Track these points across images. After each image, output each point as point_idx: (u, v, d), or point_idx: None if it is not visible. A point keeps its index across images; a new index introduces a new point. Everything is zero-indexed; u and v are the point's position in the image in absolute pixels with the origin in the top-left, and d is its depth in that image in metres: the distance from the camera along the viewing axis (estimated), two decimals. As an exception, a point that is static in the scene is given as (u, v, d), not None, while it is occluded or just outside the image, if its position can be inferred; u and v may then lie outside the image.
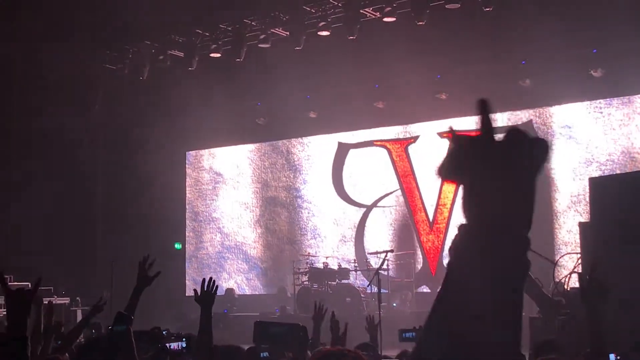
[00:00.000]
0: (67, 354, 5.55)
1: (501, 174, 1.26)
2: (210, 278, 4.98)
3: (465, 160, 1.29)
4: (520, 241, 1.28)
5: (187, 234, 22.65)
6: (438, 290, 1.35)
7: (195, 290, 4.98)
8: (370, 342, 6.96)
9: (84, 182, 20.21)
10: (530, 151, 1.30)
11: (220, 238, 22.11)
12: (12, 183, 18.66)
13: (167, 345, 4.50)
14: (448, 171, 1.31)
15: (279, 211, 21.30)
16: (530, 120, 18.01)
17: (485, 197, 1.27)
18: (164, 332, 5.19)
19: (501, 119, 18.40)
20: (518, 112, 18.11)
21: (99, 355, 4.52)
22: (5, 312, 3.47)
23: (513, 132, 1.31)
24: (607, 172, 16.66)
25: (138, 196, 20.22)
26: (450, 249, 1.34)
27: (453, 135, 1.33)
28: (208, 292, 4.93)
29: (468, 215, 1.29)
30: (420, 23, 15.66)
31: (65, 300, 17.65)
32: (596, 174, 16.63)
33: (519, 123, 18.09)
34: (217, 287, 4.88)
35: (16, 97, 18.27)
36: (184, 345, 4.53)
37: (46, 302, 7.58)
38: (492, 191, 1.27)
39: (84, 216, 20.06)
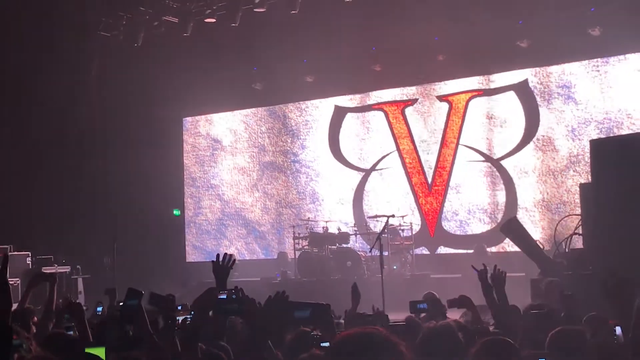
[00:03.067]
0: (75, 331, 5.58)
1: None
2: (228, 253, 5.21)
3: None
4: None
5: (185, 200, 22.67)
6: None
7: (213, 261, 5.18)
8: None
9: (82, 149, 20.15)
10: None
11: (220, 205, 22.13)
12: (9, 151, 18.62)
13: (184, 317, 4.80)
14: None
15: (277, 175, 21.30)
16: (526, 80, 17.95)
17: None
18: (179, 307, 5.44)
19: (499, 79, 18.38)
20: (516, 72, 18.05)
21: (115, 328, 4.80)
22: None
23: None
24: (604, 132, 16.66)
25: (135, 163, 20.18)
26: None
27: None
28: (224, 266, 5.17)
29: None
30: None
31: (66, 269, 17.73)
32: (594, 133, 16.64)
33: (516, 82, 18.07)
34: (234, 261, 5.08)
35: (11, 65, 18.12)
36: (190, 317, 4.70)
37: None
38: None
39: (83, 184, 20.02)
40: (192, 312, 5.14)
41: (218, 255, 5.28)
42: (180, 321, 5.24)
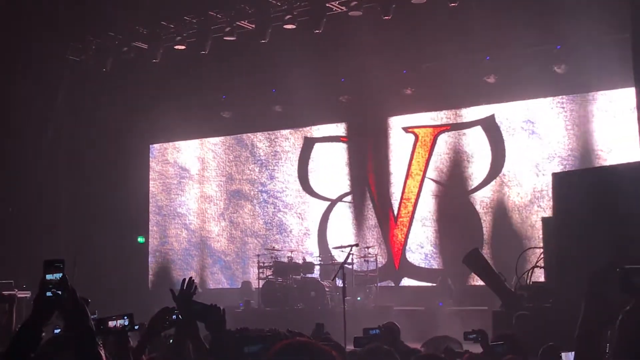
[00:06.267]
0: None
1: None
2: (190, 278, 4.93)
3: None
4: None
5: (150, 227, 22.49)
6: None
7: (172, 290, 4.92)
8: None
9: (46, 173, 19.95)
10: None
11: (186, 234, 21.99)
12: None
13: (108, 323, 4.35)
14: None
15: (243, 204, 21.24)
16: (493, 115, 18.14)
17: None
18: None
19: (466, 114, 18.55)
20: (481, 107, 18.24)
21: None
22: None
23: None
24: (568, 167, 16.84)
25: (101, 189, 20.02)
26: None
27: None
28: (187, 292, 4.88)
29: None
30: (387, 17, 15.67)
31: (27, 294, 17.46)
32: (558, 169, 16.81)
33: (483, 117, 18.25)
34: (196, 287, 4.83)
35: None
36: (126, 323, 4.41)
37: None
38: None
39: (46, 208, 19.81)
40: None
41: (183, 281, 5.08)
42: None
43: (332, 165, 20.03)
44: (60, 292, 3.18)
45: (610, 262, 3.23)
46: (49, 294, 3.17)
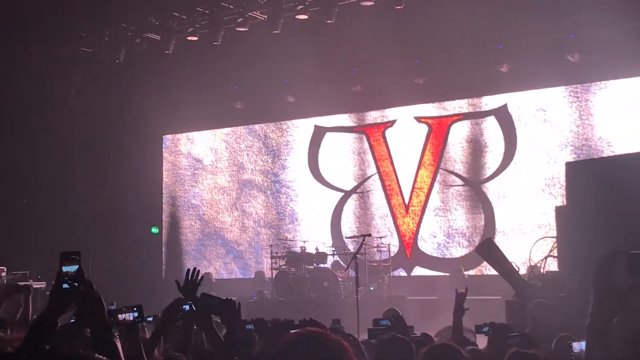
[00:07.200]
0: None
1: None
2: (195, 268, 4.92)
3: None
4: None
5: (164, 218, 22.57)
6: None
7: (177, 281, 4.92)
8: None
9: (60, 164, 20.05)
10: None
11: (200, 225, 22.05)
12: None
13: (118, 316, 4.34)
14: None
15: (256, 194, 21.28)
16: (505, 105, 18.09)
17: None
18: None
19: (479, 104, 18.51)
20: (494, 97, 18.20)
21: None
22: None
23: None
24: (582, 157, 16.79)
25: (114, 180, 20.10)
26: None
27: None
28: (192, 282, 4.88)
29: None
30: (399, 7, 15.63)
31: (42, 284, 17.57)
32: (571, 158, 16.76)
33: (496, 107, 18.22)
34: (202, 278, 4.84)
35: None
36: (136, 315, 4.40)
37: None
38: None
39: (60, 199, 19.91)
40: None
41: (188, 271, 5.08)
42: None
43: (343, 155, 20.03)
44: (76, 284, 3.21)
45: (615, 248, 3.23)
46: (65, 285, 3.20)
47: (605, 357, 3.22)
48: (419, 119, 19.12)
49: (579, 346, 4.93)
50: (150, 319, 5.77)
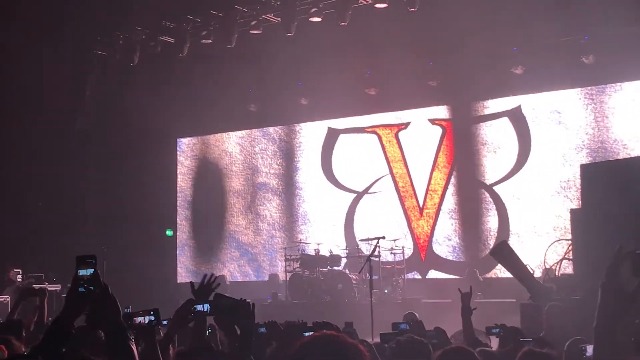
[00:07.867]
0: None
1: None
2: (212, 274, 4.94)
3: None
4: None
5: (179, 222, 22.60)
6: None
7: (192, 282, 4.94)
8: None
9: (75, 168, 20.14)
10: None
11: (214, 228, 22.04)
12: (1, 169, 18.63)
13: (134, 319, 4.34)
14: None
15: (270, 197, 21.29)
16: (519, 106, 18.04)
17: None
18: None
19: (493, 106, 18.46)
20: (508, 99, 18.15)
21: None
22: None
23: None
24: (597, 159, 16.71)
25: (129, 183, 20.17)
26: None
27: None
28: (207, 286, 4.90)
29: None
30: (412, 9, 15.62)
31: (57, 287, 17.65)
32: (586, 160, 16.69)
33: (509, 109, 18.16)
34: (218, 284, 4.86)
35: (7, 85, 18.15)
36: (153, 318, 4.41)
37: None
38: None
39: (75, 202, 19.99)
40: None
41: (204, 276, 5.10)
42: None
43: (357, 157, 20.01)
44: (92, 288, 3.23)
45: (620, 249, 3.23)
46: (81, 289, 3.22)
47: (613, 358, 3.22)
48: (432, 121, 19.08)
49: (591, 349, 4.92)
50: (166, 322, 5.79)
